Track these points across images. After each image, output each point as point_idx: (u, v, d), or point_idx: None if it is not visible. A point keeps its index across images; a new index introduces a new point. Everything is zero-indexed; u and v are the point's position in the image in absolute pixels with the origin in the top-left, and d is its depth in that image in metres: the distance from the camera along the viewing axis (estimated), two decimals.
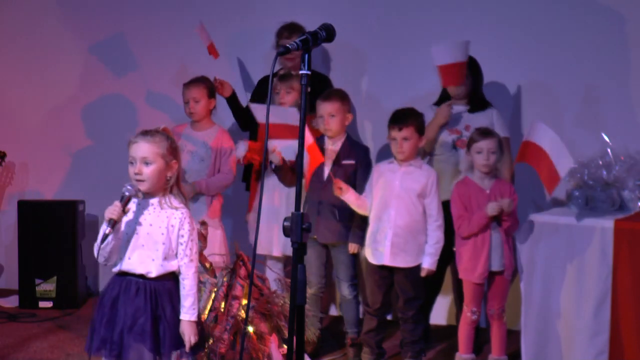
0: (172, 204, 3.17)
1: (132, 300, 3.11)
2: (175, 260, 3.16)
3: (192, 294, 3.15)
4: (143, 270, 3.12)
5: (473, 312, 4.28)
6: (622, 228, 3.89)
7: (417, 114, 4.33)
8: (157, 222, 3.15)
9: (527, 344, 4.15)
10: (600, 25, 4.99)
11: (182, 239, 3.15)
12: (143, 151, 3.11)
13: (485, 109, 4.70)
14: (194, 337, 3.14)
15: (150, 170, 3.11)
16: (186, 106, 4.87)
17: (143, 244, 3.13)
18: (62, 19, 6.06)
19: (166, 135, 3.19)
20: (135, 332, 3.09)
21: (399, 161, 4.30)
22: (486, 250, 4.16)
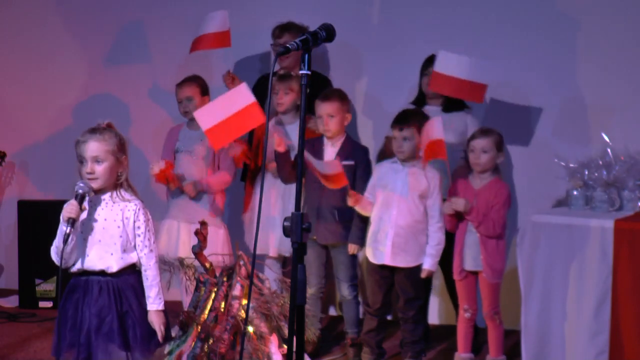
0: (123, 197, 3.19)
1: (96, 300, 3.13)
2: (134, 253, 3.18)
3: (155, 284, 3.18)
4: (103, 265, 3.13)
5: (465, 310, 4.29)
6: (622, 228, 3.89)
7: (420, 115, 4.33)
8: (111, 216, 3.16)
9: (527, 344, 4.14)
10: (599, 24, 4.98)
11: (139, 230, 3.17)
12: (93, 150, 3.12)
13: (461, 110, 4.71)
14: (163, 325, 3.18)
15: (102, 168, 3.13)
16: (180, 105, 4.87)
17: (100, 239, 3.14)
18: (63, 19, 6.05)
19: (114, 131, 3.20)
20: (103, 332, 3.10)
21: (401, 161, 4.30)
22: (459, 248, 4.23)
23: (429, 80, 4.63)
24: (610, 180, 4.22)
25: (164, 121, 5.48)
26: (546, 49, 5.07)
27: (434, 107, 4.70)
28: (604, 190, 4.21)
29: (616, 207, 4.20)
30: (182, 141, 4.86)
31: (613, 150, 4.30)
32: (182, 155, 4.83)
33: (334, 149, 4.50)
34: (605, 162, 4.28)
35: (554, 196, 4.78)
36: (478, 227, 4.14)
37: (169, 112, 5.55)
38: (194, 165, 4.81)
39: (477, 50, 4.73)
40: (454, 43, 4.94)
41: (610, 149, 4.31)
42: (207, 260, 3.87)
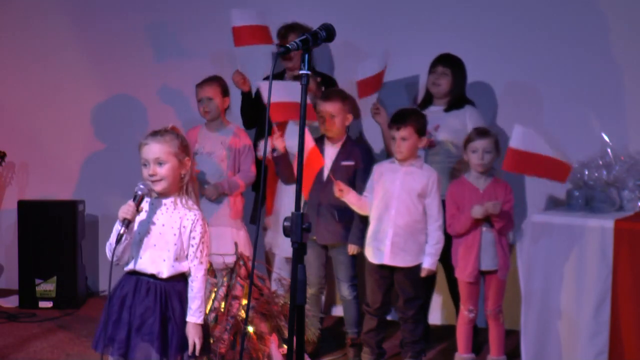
0: (186, 204, 3.16)
1: (142, 300, 3.11)
2: (186, 262, 3.15)
3: (199, 297, 3.15)
4: (154, 270, 3.12)
5: (470, 311, 4.28)
6: (622, 228, 3.89)
7: (417, 115, 4.33)
8: (169, 222, 3.14)
9: (527, 344, 4.15)
10: (598, 24, 4.98)
11: (194, 240, 3.14)
12: (155, 152, 3.10)
13: (461, 107, 4.68)
14: (198, 340, 3.13)
15: (165, 170, 3.11)
16: (200, 105, 4.81)
17: (155, 244, 3.13)
18: (63, 19, 6.06)
19: (176, 133, 3.18)
20: (144, 333, 3.08)
21: (399, 161, 4.30)
22: (475, 250, 4.18)
23: (433, 77, 4.65)
24: (610, 180, 4.22)
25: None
26: (546, 49, 5.07)
27: (439, 107, 4.69)
28: (604, 190, 4.21)
29: (616, 207, 4.20)
30: (201, 143, 4.81)
31: (613, 150, 4.30)
32: (203, 157, 4.78)
33: (335, 149, 4.50)
34: (605, 162, 4.28)
35: (554, 196, 4.78)
36: (503, 227, 4.13)
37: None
38: (214, 167, 4.77)
39: (478, 49, 4.72)
40: (458, 42, 4.95)
41: (610, 149, 4.31)
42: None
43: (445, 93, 4.68)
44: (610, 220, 3.92)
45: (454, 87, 4.67)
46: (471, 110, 4.67)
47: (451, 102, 4.68)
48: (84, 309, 5.64)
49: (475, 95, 4.80)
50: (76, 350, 4.66)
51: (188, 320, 3.14)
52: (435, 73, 4.67)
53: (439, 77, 4.65)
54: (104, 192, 5.75)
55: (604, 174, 4.23)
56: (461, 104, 4.69)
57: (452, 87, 4.66)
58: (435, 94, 4.70)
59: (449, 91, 4.67)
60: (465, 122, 4.61)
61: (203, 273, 3.16)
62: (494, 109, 5.13)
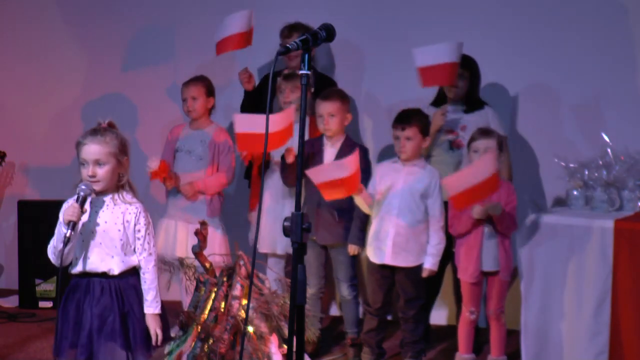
0: (125, 199, 3.17)
1: (98, 300, 3.12)
2: (135, 255, 3.17)
3: (153, 287, 3.18)
4: (105, 268, 3.13)
5: (471, 312, 4.28)
6: (622, 228, 3.89)
7: (421, 115, 4.33)
8: (112, 218, 3.15)
9: (527, 344, 4.15)
10: (600, 25, 4.98)
11: (139, 233, 3.16)
12: (95, 153, 3.10)
13: (481, 108, 4.68)
14: (159, 329, 3.17)
15: (104, 170, 3.11)
16: (184, 104, 4.86)
17: (100, 242, 3.14)
18: (63, 19, 6.05)
19: (115, 132, 3.18)
20: (105, 332, 3.10)
21: (403, 161, 4.29)
22: (477, 250, 4.17)
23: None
24: (610, 180, 4.22)
25: (172, 122, 5.47)
26: (547, 49, 5.07)
27: (455, 107, 4.68)
28: (604, 190, 4.21)
29: (616, 207, 4.20)
30: (182, 140, 4.86)
31: (613, 150, 4.30)
32: (182, 155, 4.84)
33: (334, 149, 4.50)
34: (605, 162, 4.28)
35: (554, 196, 4.78)
36: (503, 228, 4.13)
37: (177, 113, 5.54)
38: (192, 165, 4.81)
39: (479, 49, 4.72)
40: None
41: (610, 149, 4.31)
42: (207, 260, 3.87)
43: (462, 94, 4.66)
44: (610, 220, 3.92)
45: (471, 88, 4.66)
46: (492, 112, 4.68)
47: (470, 103, 4.67)
48: None
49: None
50: None
51: (146, 312, 3.16)
52: None
53: (458, 79, 4.61)
54: None
55: (604, 174, 4.23)
56: (481, 105, 4.69)
57: (469, 87, 4.65)
58: (453, 96, 4.67)
59: (465, 92, 4.66)
60: (488, 122, 4.58)
61: (153, 264, 3.18)
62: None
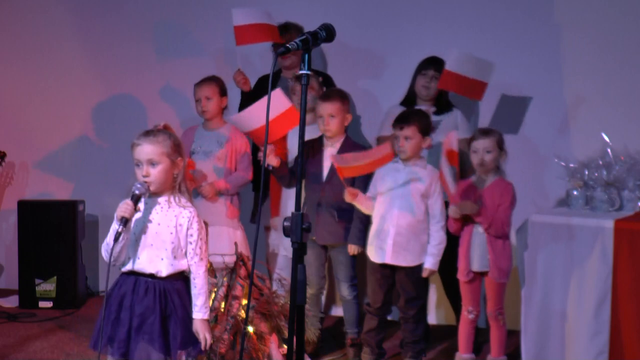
0: (180, 202, 3.17)
1: (141, 300, 3.11)
2: (185, 260, 3.15)
3: (203, 293, 3.16)
4: (153, 269, 3.12)
5: (469, 312, 4.28)
6: (622, 228, 3.89)
7: (421, 115, 4.34)
8: (165, 221, 3.14)
9: (527, 344, 4.15)
10: (600, 24, 4.98)
11: (192, 238, 3.15)
12: (148, 153, 3.10)
13: (450, 110, 4.75)
14: (208, 334, 3.15)
15: (158, 170, 3.11)
16: (198, 104, 4.82)
17: (152, 243, 3.13)
18: (63, 19, 6.06)
19: (168, 133, 3.19)
20: (144, 332, 3.08)
21: (403, 160, 4.30)
22: (464, 249, 4.20)
23: (425, 80, 4.68)
24: (610, 180, 4.22)
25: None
26: (547, 49, 5.07)
27: (423, 107, 4.69)
28: (604, 190, 4.21)
29: (616, 207, 4.20)
30: (197, 142, 4.83)
31: (613, 150, 4.30)
32: (199, 156, 4.80)
33: (334, 149, 4.50)
34: (605, 162, 4.28)
35: (554, 196, 4.78)
36: (488, 228, 4.13)
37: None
38: (211, 165, 4.77)
39: (477, 49, 4.72)
40: (454, 42, 4.94)
41: (610, 149, 4.31)
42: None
43: (433, 96, 4.72)
44: (610, 220, 3.92)
45: (443, 91, 4.70)
46: (460, 114, 4.76)
47: (441, 105, 4.72)
48: (84, 309, 5.64)
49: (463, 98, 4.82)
50: (76, 350, 4.66)
51: (195, 317, 3.14)
52: (427, 76, 4.70)
53: (430, 80, 4.68)
54: (104, 192, 5.75)
55: (604, 174, 4.23)
56: (450, 107, 4.75)
57: (440, 90, 4.68)
58: (425, 96, 4.72)
59: (435, 94, 4.71)
60: (457, 124, 4.67)
61: (204, 269, 3.17)
62: (493, 110, 5.12)
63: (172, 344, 3.12)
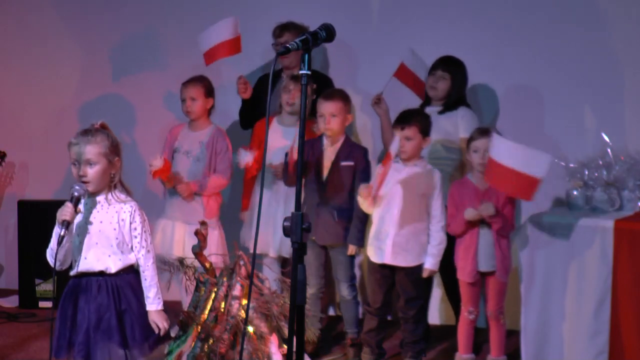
0: (119, 198, 3.19)
1: (95, 298, 3.14)
2: (132, 254, 3.19)
3: (154, 284, 3.19)
4: (102, 267, 3.14)
5: (470, 312, 4.28)
6: (622, 228, 3.89)
7: (422, 115, 4.34)
8: (107, 218, 3.16)
9: (527, 344, 4.14)
10: (600, 24, 4.98)
11: (135, 231, 3.17)
12: (85, 153, 3.11)
13: (454, 109, 4.66)
14: (166, 322, 3.19)
15: (95, 171, 3.12)
16: (183, 104, 4.84)
17: (97, 242, 3.15)
18: (63, 20, 6.06)
19: (106, 133, 3.19)
20: (102, 330, 3.11)
21: (403, 161, 4.29)
22: (473, 250, 4.17)
23: (431, 81, 4.66)
24: (610, 180, 4.22)
25: (171, 122, 5.48)
26: (546, 49, 5.06)
27: (435, 107, 4.69)
28: (604, 190, 4.21)
29: (616, 207, 4.20)
30: (180, 141, 4.85)
31: (613, 150, 4.30)
32: (180, 155, 4.83)
33: (334, 149, 4.50)
34: (605, 162, 4.28)
35: (554, 196, 4.77)
36: (501, 228, 4.11)
37: (175, 114, 5.54)
38: (190, 166, 4.79)
39: (478, 50, 4.72)
40: (455, 42, 4.95)
41: (610, 149, 4.30)
42: (207, 260, 3.87)
43: (443, 96, 4.67)
44: (610, 220, 3.92)
45: (452, 91, 4.67)
46: (464, 112, 4.67)
47: (446, 105, 4.68)
48: None
49: (476, 97, 4.80)
50: None
51: (149, 310, 3.17)
52: (434, 76, 4.67)
53: (437, 80, 4.66)
54: None
55: (604, 174, 4.23)
56: (455, 106, 4.68)
57: (449, 90, 4.66)
58: (433, 97, 4.70)
59: (446, 94, 4.67)
60: (457, 124, 4.61)
61: (152, 261, 3.20)
62: (495, 111, 5.12)
63: (131, 339, 3.14)
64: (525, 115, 5.13)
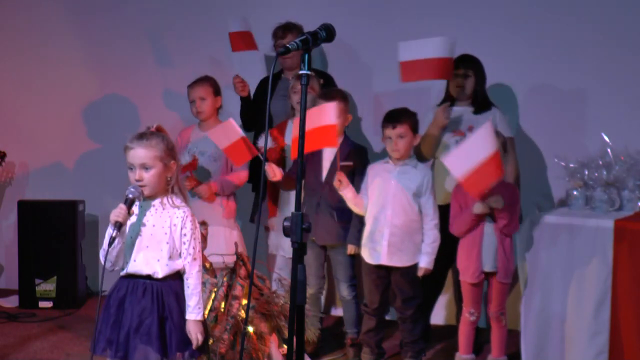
0: (174, 203, 3.17)
1: (139, 301, 3.11)
2: (180, 260, 3.16)
3: (196, 293, 3.15)
4: (149, 271, 3.12)
5: (471, 313, 4.28)
6: (622, 228, 3.89)
7: (410, 113, 4.33)
8: (159, 222, 3.14)
9: (527, 344, 4.15)
10: (599, 25, 4.99)
11: (185, 237, 3.14)
12: (141, 157, 3.10)
13: (489, 109, 4.67)
14: (200, 335, 3.14)
15: (151, 174, 3.10)
16: (192, 106, 4.83)
17: (147, 245, 3.13)
18: (63, 19, 6.06)
19: (162, 135, 3.18)
20: (142, 334, 3.08)
21: (394, 160, 4.30)
22: (476, 250, 4.17)
23: (458, 81, 4.61)
24: (610, 180, 4.22)
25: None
26: (546, 49, 5.07)
27: (462, 107, 4.67)
28: (604, 190, 4.21)
29: (616, 207, 4.20)
30: (193, 142, 4.83)
31: (613, 150, 4.30)
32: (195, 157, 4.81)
33: (333, 149, 4.50)
34: (605, 162, 4.28)
35: (554, 196, 4.77)
36: (506, 226, 4.10)
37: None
38: (207, 166, 4.78)
39: (477, 49, 4.71)
40: (458, 41, 4.93)
41: (610, 149, 4.30)
42: (207, 260, 3.87)
43: (470, 94, 4.66)
44: (610, 220, 3.92)
45: (478, 88, 4.65)
46: (500, 113, 4.67)
47: (479, 104, 4.66)
48: (84, 309, 5.64)
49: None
50: (76, 350, 4.66)
51: (188, 318, 3.14)
52: (458, 76, 4.62)
53: (463, 79, 4.62)
54: (104, 192, 5.74)
55: (604, 174, 4.23)
56: (488, 106, 4.67)
57: (475, 87, 4.64)
58: (460, 97, 4.67)
59: (472, 92, 4.66)
60: (495, 124, 4.56)
61: (197, 269, 3.16)
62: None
63: (169, 346, 3.11)
64: (525, 115, 5.13)
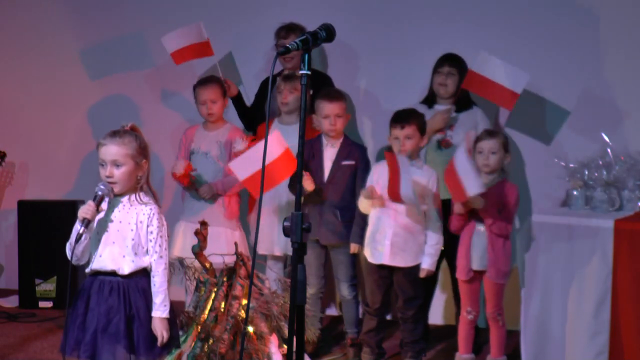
0: (141, 200, 3.18)
1: (106, 300, 3.12)
2: (147, 257, 3.17)
3: (162, 291, 3.16)
4: (114, 266, 3.13)
5: (468, 312, 4.28)
6: (622, 228, 3.89)
7: (418, 114, 4.34)
8: (126, 218, 3.15)
9: (527, 344, 4.15)
10: (600, 24, 4.98)
11: (151, 235, 3.15)
12: (113, 154, 3.11)
13: (470, 108, 4.70)
14: (165, 332, 3.15)
15: (121, 172, 3.12)
16: (203, 107, 4.78)
17: (113, 241, 3.14)
18: (63, 19, 6.05)
19: (135, 134, 3.19)
20: (110, 333, 3.09)
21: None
22: (464, 248, 4.19)
23: (441, 78, 4.64)
24: (610, 180, 4.22)
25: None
26: (546, 49, 5.07)
27: (444, 106, 4.68)
28: (604, 190, 4.21)
29: (616, 207, 4.20)
30: (197, 142, 4.82)
31: (613, 150, 4.30)
32: (198, 157, 4.80)
33: (334, 149, 4.51)
34: (605, 162, 4.28)
35: (554, 196, 4.77)
36: (491, 225, 4.12)
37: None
38: (210, 166, 4.78)
39: (478, 49, 4.71)
40: (455, 41, 4.95)
41: (610, 149, 4.31)
42: (207, 260, 3.87)
43: (452, 93, 4.67)
44: (610, 220, 3.92)
45: (460, 87, 4.67)
46: (481, 112, 4.71)
47: (460, 102, 4.68)
48: None
49: (476, 97, 4.79)
50: None
51: (153, 316, 3.15)
52: (442, 73, 4.66)
53: (446, 77, 4.65)
54: None
55: (604, 174, 4.23)
56: (469, 104, 4.70)
57: (458, 87, 4.65)
58: (442, 94, 4.68)
59: (455, 91, 4.67)
60: (476, 122, 4.62)
61: (164, 267, 3.17)
62: (495, 110, 5.11)
63: (137, 344, 3.12)
64: (525, 115, 5.13)
